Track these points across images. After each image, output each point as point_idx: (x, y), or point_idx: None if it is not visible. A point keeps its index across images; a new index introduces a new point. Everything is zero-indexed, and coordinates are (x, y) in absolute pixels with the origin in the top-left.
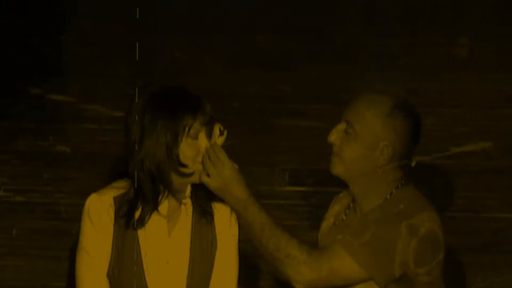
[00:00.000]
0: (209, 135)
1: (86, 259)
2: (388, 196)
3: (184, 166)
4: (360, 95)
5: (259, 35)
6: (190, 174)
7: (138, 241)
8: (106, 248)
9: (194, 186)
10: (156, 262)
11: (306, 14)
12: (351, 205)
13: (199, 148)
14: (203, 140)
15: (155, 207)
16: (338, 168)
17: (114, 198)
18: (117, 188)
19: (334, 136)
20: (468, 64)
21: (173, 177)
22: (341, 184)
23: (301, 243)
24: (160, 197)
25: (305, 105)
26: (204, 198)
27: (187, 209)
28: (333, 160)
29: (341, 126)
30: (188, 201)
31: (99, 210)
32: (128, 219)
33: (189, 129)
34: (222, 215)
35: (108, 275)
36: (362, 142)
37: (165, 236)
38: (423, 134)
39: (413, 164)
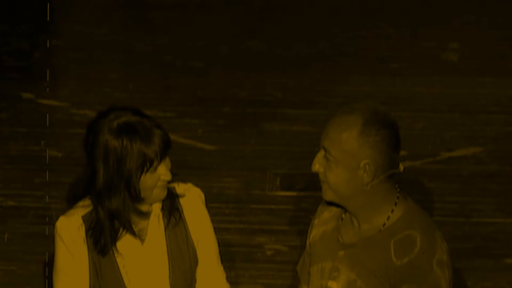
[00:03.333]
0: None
1: (64, 281)
2: (390, 214)
3: (142, 200)
4: (331, 119)
5: (251, 39)
6: (148, 213)
7: (114, 255)
8: (83, 267)
9: None
10: (135, 271)
11: (297, 19)
12: (345, 216)
13: (159, 176)
14: (162, 169)
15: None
16: (329, 195)
17: (83, 217)
18: (83, 207)
19: (317, 165)
20: (459, 69)
21: (133, 217)
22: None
23: None
24: (119, 232)
25: (297, 110)
26: (169, 197)
27: (155, 214)
28: (323, 187)
29: (321, 154)
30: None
31: (70, 232)
32: (99, 237)
33: (149, 166)
34: (189, 200)
35: None
36: (343, 166)
37: (138, 246)
38: (414, 139)
39: (401, 169)
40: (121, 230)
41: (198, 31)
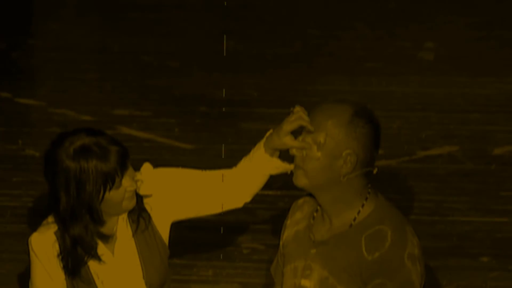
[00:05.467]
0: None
1: None
2: (360, 209)
3: (104, 222)
4: (319, 105)
5: (228, 40)
6: (110, 235)
7: (87, 268)
8: (60, 285)
9: None
10: (110, 280)
11: (273, 18)
12: (316, 214)
13: (125, 188)
14: (126, 182)
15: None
16: (302, 181)
17: (55, 234)
18: (54, 223)
19: (294, 149)
20: (434, 68)
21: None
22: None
23: None
24: (85, 258)
25: (273, 110)
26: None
27: (123, 219)
28: (297, 173)
29: (303, 138)
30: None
31: (45, 249)
32: (67, 261)
33: (112, 183)
34: (148, 183)
35: None
36: (325, 152)
37: (109, 256)
38: (390, 138)
39: (375, 171)
40: (86, 256)
41: (174, 32)
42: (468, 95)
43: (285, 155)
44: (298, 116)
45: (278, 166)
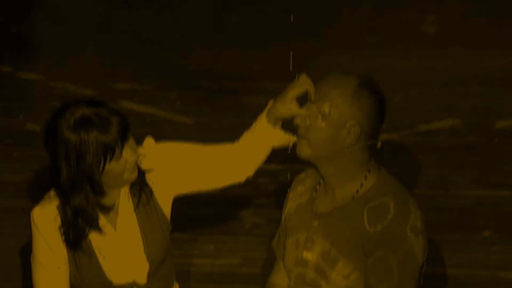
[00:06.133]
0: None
1: (43, 273)
2: (363, 181)
3: (105, 194)
4: (324, 76)
5: (229, 13)
6: (111, 207)
7: (89, 243)
8: (61, 258)
9: None
10: (112, 254)
11: None
12: (319, 187)
13: (126, 159)
14: (126, 153)
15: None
16: (305, 151)
17: (57, 208)
18: (56, 197)
19: (298, 119)
20: (436, 42)
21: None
22: (309, 163)
23: None
24: (86, 230)
25: (275, 83)
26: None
27: (124, 193)
28: (301, 143)
29: (307, 108)
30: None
31: (47, 223)
32: (68, 234)
33: (112, 154)
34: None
35: (71, 283)
36: (329, 122)
37: (111, 231)
38: (392, 112)
39: (378, 144)
40: (87, 228)
41: (175, 5)
42: (470, 68)
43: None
44: (305, 82)
45: (280, 137)
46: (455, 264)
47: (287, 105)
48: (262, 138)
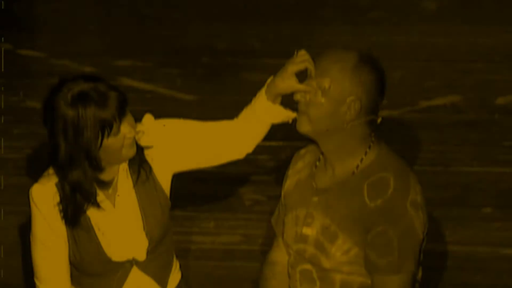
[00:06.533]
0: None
1: (42, 250)
2: (363, 156)
3: (103, 169)
4: (324, 52)
5: None
6: (109, 182)
7: (87, 220)
8: (60, 236)
9: None
10: (111, 232)
11: None
12: (318, 163)
13: (124, 135)
14: (124, 128)
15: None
16: (305, 127)
17: (56, 185)
18: (55, 174)
19: (299, 95)
20: (437, 17)
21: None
22: (310, 139)
23: None
24: (84, 206)
25: (276, 60)
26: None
27: (123, 169)
28: (301, 119)
29: (307, 83)
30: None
31: (46, 200)
32: (66, 210)
33: (110, 129)
34: (150, 134)
35: (71, 260)
36: (330, 97)
37: (110, 207)
38: (393, 88)
39: (378, 120)
40: (85, 204)
41: None
42: (471, 45)
43: (287, 104)
44: (304, 58)
45: (280, 113)
46: (456, 241)
47: (286, 81)
48: (262, 114)
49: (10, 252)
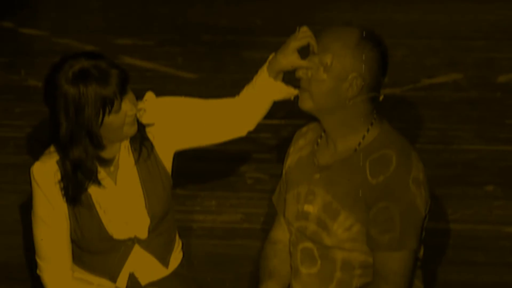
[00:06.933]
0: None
1: (44, 228)
2: (365, 133)
3: (104, 147)
4: (327, 28)
5: None
6: (111, 160)
7: (89, 198)
8: (61, 213)
9: None
10: (112, 209)
11: None
12: (320, 140)
13: (125, 113)
14: (126, 105)
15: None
16: (307, 104)
17: (57, 163)
18: (56, 152)
19: (300, 72)
20: None
21: (97, 164)
22: (311, 117)
23: None
24: (85, 184)
25: (276, 38)
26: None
27: (125, 147)
28: (303, 96)
29: (309, 60)
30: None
31: (47, 178)
32: (67, 188)
33: (111, 107)
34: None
35: (72, 238)
36: (332, 74)
37: (111, 185)
38: (394, 66)
39: (381, 97)
40: (87, 182)
41: None
42: (473, 22)
43: (288, 81)
44: (306, 34)
45: (282, 90)
46: (457, 219)
47: (288, 57)
48: (263, 91)
49: (12, 231)
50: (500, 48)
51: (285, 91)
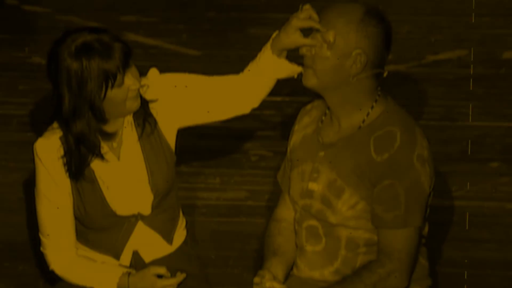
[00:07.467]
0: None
1: (47, 205)
2: (370, 111)
3: (107, 120)
4: (330, 4)
5: None
6: (113, 134)
7: (92, 173)
8: (65, 189)
9: None
10: (115, 185)
11: None
12: (324, 117)
13: (128, 87)
14: (128, 80)
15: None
16: (311, 81)
17: (60, 139)
18: (59, 129)
19: (304, 49)
20: None
21: (99, 138)
22: (316, 94)
23: (371, 270)
24: (88, 158)
25: (281, 14)
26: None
27: (128, 122)
28: (307, 73)
29: (312, 37)
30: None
31: (50, 154)
32: (70, 162)
33: (114, 81)
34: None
35: (76, 215)
36: (335, 51)
37: (115, 160)
38: (399, 43)
39: (385, 74)
40: (89, 156)
41: None
42: None
43: (292, 58)
44: (308, 15)
45: (286, 68)
46: (462, 196)
47: (291, 36)
48: (267, 68)
49: (15, 209)
50: (506, 24)
51: (289, 69)
